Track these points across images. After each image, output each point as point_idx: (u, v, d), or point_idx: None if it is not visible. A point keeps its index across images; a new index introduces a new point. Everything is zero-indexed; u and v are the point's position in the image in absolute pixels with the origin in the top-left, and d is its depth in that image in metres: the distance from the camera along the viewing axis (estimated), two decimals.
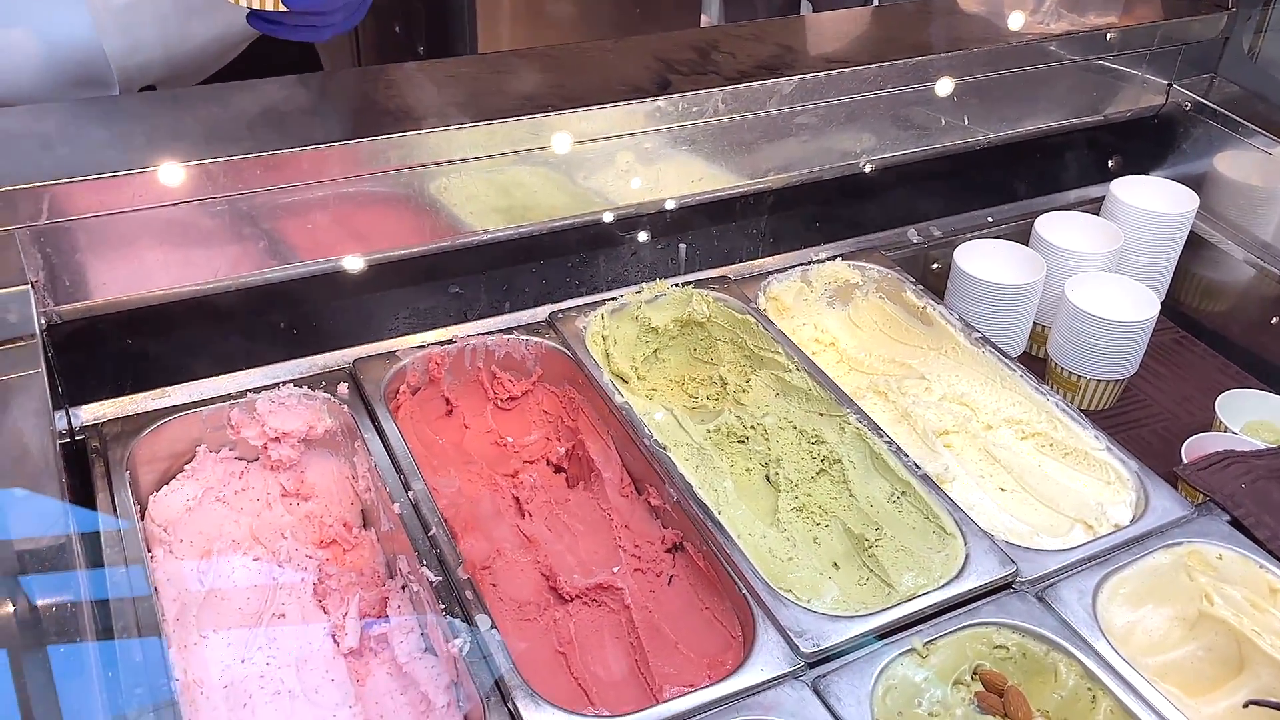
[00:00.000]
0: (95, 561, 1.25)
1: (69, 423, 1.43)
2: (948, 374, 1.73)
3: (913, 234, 2.04)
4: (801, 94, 1.77)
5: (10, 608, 1.03)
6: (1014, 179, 2.15)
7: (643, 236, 1.86)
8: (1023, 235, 1.99)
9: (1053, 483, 1.54)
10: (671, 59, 1.80)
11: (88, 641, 1.05)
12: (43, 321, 1.36)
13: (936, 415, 1.64)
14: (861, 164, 1.92)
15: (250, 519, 1.47)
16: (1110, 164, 2.25)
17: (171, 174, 1.38)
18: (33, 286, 1.34)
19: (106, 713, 1.04)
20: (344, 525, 1.48)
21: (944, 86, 1.90)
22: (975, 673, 1.25)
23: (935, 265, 2.04)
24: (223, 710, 1.20)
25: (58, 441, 1.26)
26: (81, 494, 1.35)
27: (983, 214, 2.11)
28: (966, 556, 1.34)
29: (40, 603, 1.07)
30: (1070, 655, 1.25)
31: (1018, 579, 1.33)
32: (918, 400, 1.67)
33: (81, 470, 1.38)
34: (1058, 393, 1.67)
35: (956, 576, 1.32)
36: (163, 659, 1.15)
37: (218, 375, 1.54)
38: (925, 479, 1.45)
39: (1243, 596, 1.34)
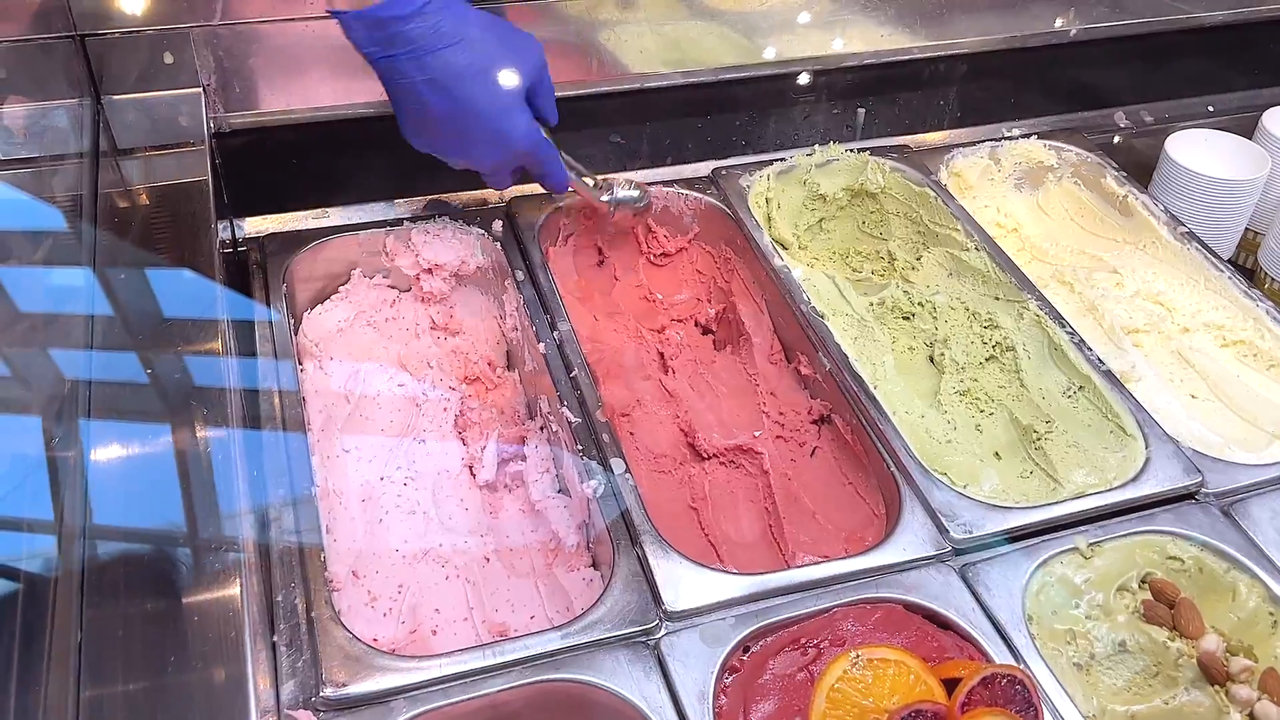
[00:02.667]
0: (251, 367, 1.26)
1: (232, 233, 1.45)
2: (1144, 269, 1.57)
3: (1120, 117, 1.85)
4: None
5: (172, 402, 1.05)
6: (1241, 65, 1.91)
7: (818, 97, 1.75)
8: (1247, 129, 1.77)
9: (1252, 394, 1.38)
10: None
11: (238, 433, 1.06)
12: (212, 127, 1.37)
13: (1127, 311, 1.50)
14: (1071, 32, 1.73)
15: (398, 346, 1.47)
16: None
17: None
18: (204, 90, 1.34)
19: (252, 501, 1.06)
20: (488, 364, 1.47)
21: None
22: (1144, 581, 1.14)
23: (1143, 155, 1.85)
24: (359, 521, 1.22)
25: (220, 250, 1.27)
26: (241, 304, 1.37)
27: (1202, 101, 1.89)
28: (1147, 460, 1.22)
29: (196, 398, 1.08)
30: (1254, 575, 1.13)
31: (1202, 489, 1.21)
32: (1107, 294, 1.53)
33: (242, 281, 1.40)
34: (1263, 297, 1.49)
35: (1133, 480, 1.20)
36: (306, 463, 1.16)
37: (376, 201, 1.53)
38: (1108, 375, 1.33)
39: None
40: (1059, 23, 1.73)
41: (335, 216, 1.50)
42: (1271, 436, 1.32)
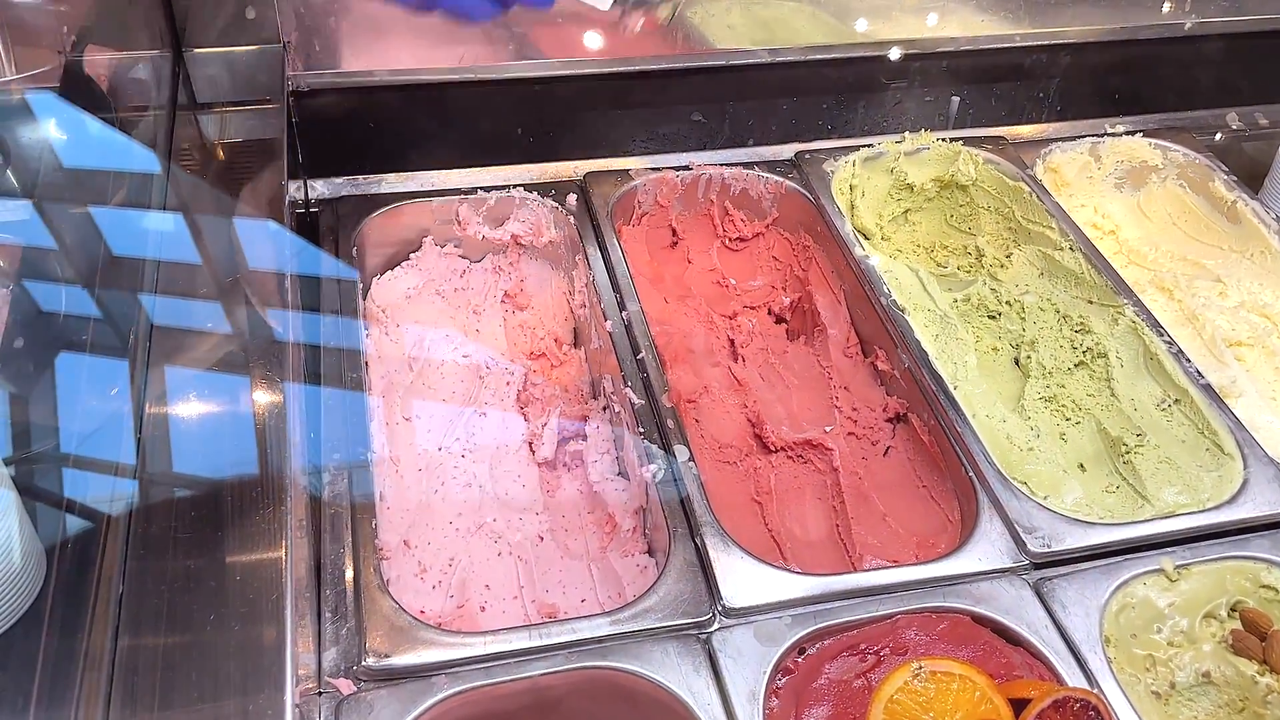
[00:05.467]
0: (316, 328, 1.25)
1: (305, 193, 1.44)
2: (1250, 279, 1.48)
3: (1233, 118, 1.74)
4: None
5: (232, 359, 1.04)
6: None
7: (911, 83, 1.68)
8: None
9: None
10: None
11: (299, 393, 1.04)
12: (290, 85, 1.36)
13: (1230, 323, 1.41)
14: (1186, 25, 1.64)
15: (466, 316, 1.45)
16: None
17: None
18: (285, 47, 1.33)
19: (307, 463, 1.05)
20: (555, 340, 1.44)
21: None
22: (1234, 609, 1.07)
23: (1255, 159, 1.74)
24: (415, 490, 1.20)
25: (292, 209, 1.26)
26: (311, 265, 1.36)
27: None
28: (1245, 481, 1.14)
29: (258, 356, 1.07)
30: None
31: None
32: (1209, 303, 1.44)
33: (313, 242, 1.38)
34: None
35: (1229, 501, 1.13)
36: (365, 428, 1.14)
37: (451, 169, 1.50)
38: (1207, 389, 1.24)
39: None
40: (1173, 15, 1.63)
41: (409, 182, 1.49)
42: None
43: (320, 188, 1.46)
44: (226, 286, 1.09)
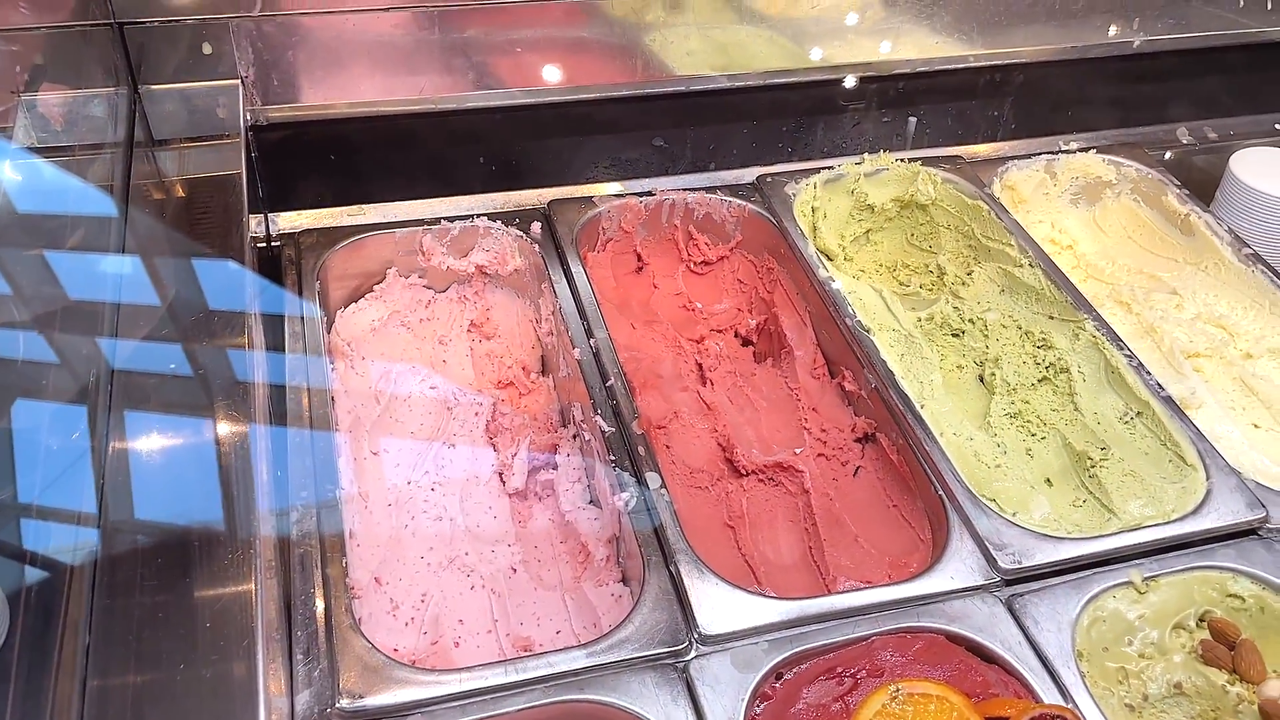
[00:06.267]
0: (281, 364, 1.24)
1: (267, 228, 1.43)
2: (1205, 291, 1.51)
3: (1183, 133, 1.78)
4: None
5: (196, 396, 1.02)
6: None
7: (868, 105, 1.70)
8: None
9: None
10: None
11: (264, 431, 1.03)
12: (249, 119, 1.35)
13: (1187, 335, 1.44)
14: (1134, 44, 1.67)
15: (432, 347, 1.44)
16: None
17: None
18: (243, 82, 1.32)
19: (274, 501, 1.03)
20: (523, 368, 1.43)
21: None
22: (1202, 619, 1.08)
23: (1204, 172, 1.78)
24: (384, 526, 1.19)
25: (253, 244, 1.25)
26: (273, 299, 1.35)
27: (1270, 119, 1.82)
28: (1208, 492, 1.16)
29: (222, 393, 1.06)
30: None
31: (1266, 525, 1.15)
32: (1166, 316, 1.46)
33: (275, 277, 1.37)
34: None
35: (1193, 512, 1.14)
36: (333, 463, 1.13)
37: (414, 200, 1.50)
38: (1168, 401, 1.26)
39: None
40: (1121, 34, 1.67)
41: (372, 214, 1.48)
42: None
43: (282, 222, 1.45)
44: (187, 326, 1.08)
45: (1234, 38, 1.71)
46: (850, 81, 1.65)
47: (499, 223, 1.47)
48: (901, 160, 1.60)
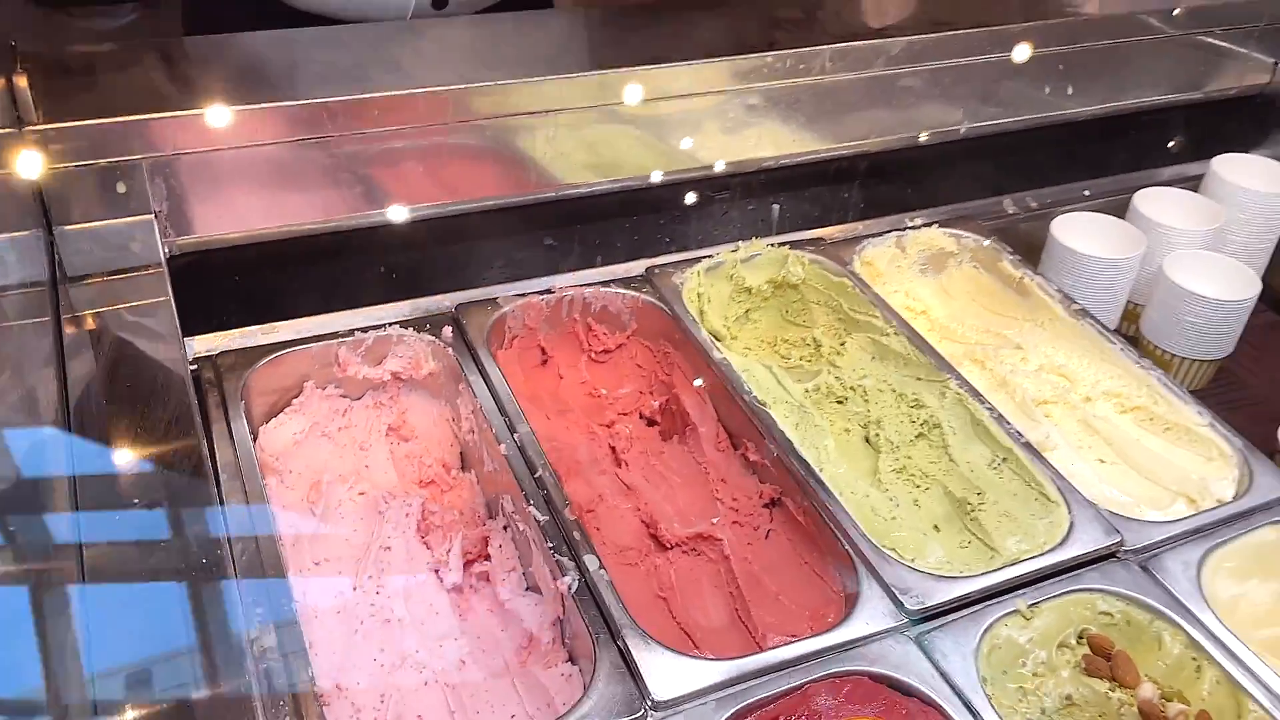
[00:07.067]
0: (216, 487, 1.27)
1: (183, 352, 1.46)
2: (1044, 345, 1.71)
3: (1009, 204, 2.02)
4: (908, 56, 1.76)
5: (141, 529, 1.06)
6: (1113, 153, 2.12)
7: (736, 196, 1.86)
8: (1120, 210, 1.96)
9: (1153, 456, 1.52)
10: (778, 15, 1.79)
11: (210, 556, 1.07)
12: (165, 251, 1.39)
13: (1035, 385, 1.63)
14: (961, 130, 1.90)
15: (354, 454, 1.50)
16: (1210, 141, 2.20)
17: (282, 113, 1.40)
18: (156, 216, 1.36)
19: (237, 627, 1.07)
20: (443, 466, 1.50)
21: (1047, 55, 1.88)
22: (1081, 636, 1.24)
23: (1030, 237, 2.02)
24: (337, 634, 1.23)
25: (189, 366, 1.29)
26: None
27: (1079, 187, 2.08)
28: (1071, 524, 1.33)
29: (166, 523, 1.09)
30: (1175, 625, 1.24)
31: (1122, 548, 1.32)
32: (1015, 369, 1.66)
33: (199, 399, 1.40)
34: (1153, 365, 1.64)
35: (1061, 543, 1.31)
36: (284, 581, 1.17)
37: (325, 314, 1.56)
38: (1027, 446, 1.44)
39: None
40: (949, 121, 1.89)
41: (286, 331, 1.52)
42: (1175, 494, 1.45)
43: (199, 345, 1.48)
44: (122, 450, 1.11)
45: (1044, 119, 1.97)
46: (717, 174, 1.81)
47: (411, 329, 1.54)
48: (772, 245, 1.76)
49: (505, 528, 1.40)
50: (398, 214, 1.60)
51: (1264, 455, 1.48)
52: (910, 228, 1.88)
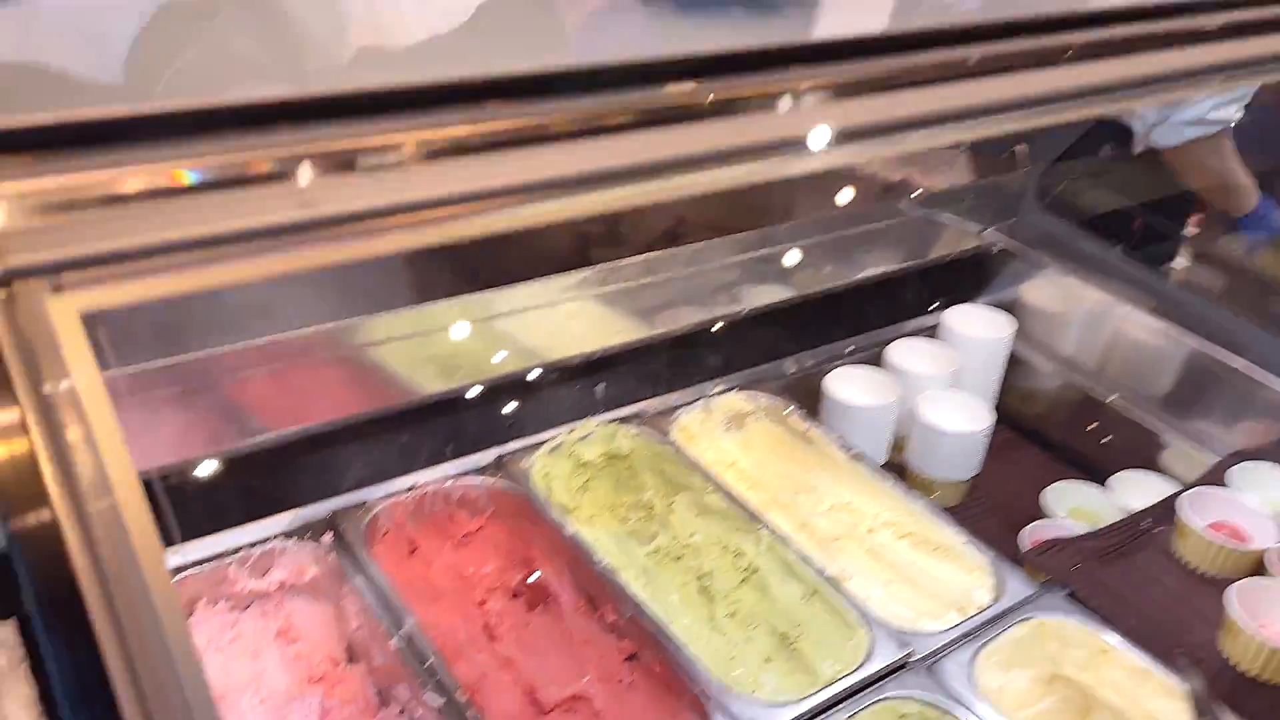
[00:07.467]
0: None
1: None
2: (833, 486, 2.06)
3: (789, 365, 2.39)
4: (695, 258, 2.12)
5: None
6: (867, 312, 2.55)
7: (561, 382, 2.15)
8: (877, 359, 2.37)
9: (927, 574, 1.87)
10: (582, 231, 2.11)
11: None
12: None
13: (829, 523, 1.97)
14: (743, 312, 2.28)
15: (246, 663, 1.63)
16: (942, 293, 2.68)
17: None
18: None
19: None
20: (331, 661, 1.66)
21: (809, 244, 2.29)
22: None
23: (811, 390, 2.40)
24: None
25: None
26: None
27: (844, 344, 2.49)
28: (871, 643, 1.65)
29: None
30: (957, 718, 1.56)
31: (911, 657, 1.65)
32: (812, 511, 1.99)
33: None
34: (917, 494, 2.02)
35: (865, 661, 1.62)
36: None
37: (212, 534, 1.71)
38: (829, 580, 1.76)
39: (1084, 656, 1.69)
40: (732, 304, 2.26)
41: (172, 557, 1.66)
42: (947, 605, 1.80)
43: None
44: None
45: (810, 294, 2.37)
46: (547, 370, 2.09)
47: (293, 539, 1.71)
48: (601, 423, 2.04)
49: (401, 712, 1.57)
50: (268, 441, 1.78)
51: (1010, 561, 1.86)
52: (713, 394, 2.22)
